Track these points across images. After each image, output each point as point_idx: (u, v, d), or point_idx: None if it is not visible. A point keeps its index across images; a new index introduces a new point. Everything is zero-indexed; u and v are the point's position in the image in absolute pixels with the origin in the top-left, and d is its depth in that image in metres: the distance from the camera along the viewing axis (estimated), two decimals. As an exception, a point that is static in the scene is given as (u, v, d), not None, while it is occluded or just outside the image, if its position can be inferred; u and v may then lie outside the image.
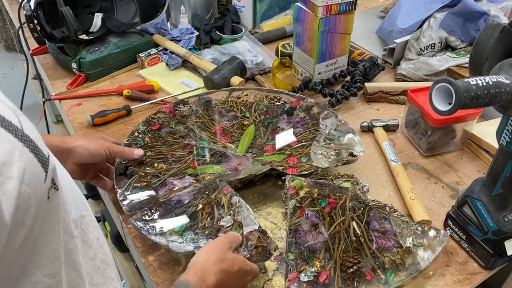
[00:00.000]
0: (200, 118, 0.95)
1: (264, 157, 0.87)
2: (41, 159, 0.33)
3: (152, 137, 0.89)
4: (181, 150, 0.87)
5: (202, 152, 0.87)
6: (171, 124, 0.92)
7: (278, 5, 1.48)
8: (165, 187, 0.79)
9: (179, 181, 0.80)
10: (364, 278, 0.68)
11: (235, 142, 0.91)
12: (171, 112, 0.95)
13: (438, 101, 0.54)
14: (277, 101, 1.00)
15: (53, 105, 2.01)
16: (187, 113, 0.96)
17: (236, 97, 1.00)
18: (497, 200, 0.70)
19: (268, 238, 0.70)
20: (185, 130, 0.91)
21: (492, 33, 0.61)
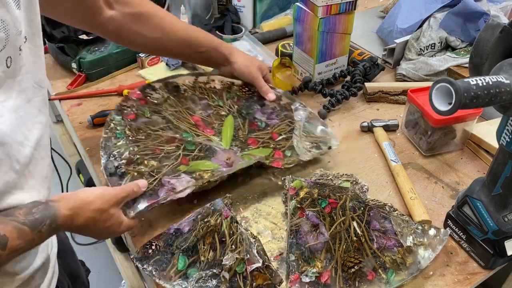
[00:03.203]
0: (174, 107, 0.94)
1: (250, 151, 0.87)
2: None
3: (132, 129, 0.86)
4: (167, 145, 0.85)
5: (190, 146, 0.86)
6: (146, 114, 0.90)
7: (278, 5, 1.48)
8: (163, 188, 0.77)
9: (176, 180, 0.79)
10: (366, 278, 0.68)
11: (217, 134, 0.90)
12: (141, 99, 0.93)
13: (438, 101, 0.54)
14: (245, 88, 1.01)
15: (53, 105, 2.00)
16: (159, 100, 0.94)
17: (203, 83, 1.01)
18: (497, 200, 0.70)
19: (273, 272, 0.69)
20: (163, 121, 0.90)
21: (492, 33, 0.61)
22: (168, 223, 0.79)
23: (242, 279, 0.67)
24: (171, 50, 0.93)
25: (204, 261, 0.69)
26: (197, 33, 0.94)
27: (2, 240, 0.50)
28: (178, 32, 0.90)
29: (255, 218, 0.81)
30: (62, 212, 0.57)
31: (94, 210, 0.62)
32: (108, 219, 0.64)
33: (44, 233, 0.55)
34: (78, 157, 1.80)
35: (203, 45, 0.93)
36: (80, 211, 0.60)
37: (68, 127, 1.23)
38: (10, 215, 0.52)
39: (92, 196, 0.63)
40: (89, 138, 1.00)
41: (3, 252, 0.50)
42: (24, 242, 0.52)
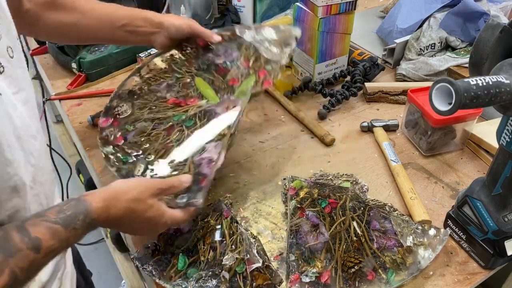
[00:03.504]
0: (145, 107, 0.88)
1: (239, 88, 0.85)
2: None
3: (131, 147, 0.82)
4: (171, 136, 0.82)
5: (189, 122, 0.83)
6: (129, 128, 0.85)
7: (278, 5, 1.47)
8: (202, 166, 0.74)
9: (206, 152, 0.75)
10: (366, 278, 0.68)
11: (200, 98, 0.87)
12: (113, 122, 0.87)
13: (438, 101, 0.54)
14: (186, 49, 0.95)
15: (53, 105, 2.01)
16: (128, 111, 0.88)
17: (148, 73, 0.94)
18: (497, 200, 0.70)
19: (273, 272, 0.70)
20: (149, 123, 0.85)
21: (492, 33, 0.61)
22: (168, 223, 0.79)
23: (242, 279, 0.67)
24: (94, 33, 0.86)
25: (204, 261, 0.69)
26: (118, 7, 0.88)
27: (35, 242, 0.48)
28: (96, 10, 0.85)
29: (255, 218, 0.81)
30: (95, 205, 0.54)
31: (129, 200, 0.58)
32: (146, 210, 0.59)
33: (79, 230, 0.52)
34: (78, 157, 1.80)
35: (126, 16, 0.86)
36: (114, 202, 0.57)
37: (68, 127, 1.23)
38: (41, 216, 0.51)
39: (126, 186, 0.59)
40: (89, 138, 1.00)
41: (38, 255, 0.48)
42: (58, 242, 0.50)
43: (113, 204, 0.56)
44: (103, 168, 0.78)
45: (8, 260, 0.45)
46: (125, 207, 0.57)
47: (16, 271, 0.46)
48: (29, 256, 0.47)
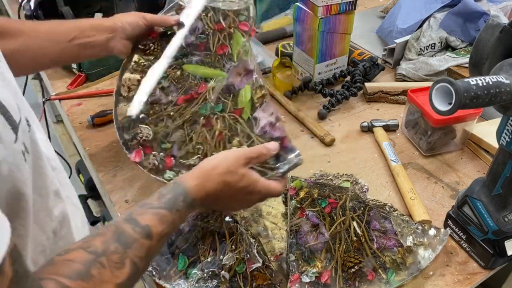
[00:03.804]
0: (163, 122, 0.80)
1: (235, 50, 0.81)
2: (11, 123, 0.39)
3: (182, 159, 0.77)
4: (213, 127, 0.76)
5: (218, 108, 0.77)
6: (167, 146, 0.78)
7: (278, 5, 1.47)
8: (274, 131, 0.72)
9: (264, 118, 0.73)
10: (366, 278, 0.68)
11: (208, 80, 0.80)
12: (145, 148, 0.80)
13: (438, 101, 0.54)
14: (147, 46, 0.86)
15: (53, 105, 2.01)
16: (151, 135, 0.80)
17: (130, 91, 0.85)
18: (497, 200, 0.70)
19: (273, 272, 0.70)
20: (183, 129, 0.78)
21: (492, 33, 0.61)
22: (168, 223, 0.79)
23: (242, 279, 0.67)
24: (43, 55, 0.76)
25: (204, 261, 0.69)
26: (62, 22, 0.80)
27: (147, 230, 0.50)
28: (40, 29, 0.76)
29: (255, 218, 0.81)
30: (190, 184, 0.56)
31: (222, 173, 0.58)
32: (239, 180, 0.59)
33: (182, 211, 0.54)
34: (78, 157, 1.80)
35: (73, 29, 0.77)
36: (208, 178, 0.57)
37: (68, 127, 1.23)
38: (144, 205, 0.53)
39: (216, 162, 0.59)
40: (89, 138, 1.00)
41: (151, 241, 0.50)
42: (166, 226, 0.52)
43: (207, 180, 0.57)
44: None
45: (127, 252, 0.47)
46: (219, 181, 0.58)
47: (136, 261, 0.47)
48: (144, 245, 0.49)
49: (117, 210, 0.83)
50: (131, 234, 0.48)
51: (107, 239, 0.47)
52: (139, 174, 0.90)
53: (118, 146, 0.97)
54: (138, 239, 0.48)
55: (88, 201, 1.56)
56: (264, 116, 0.72)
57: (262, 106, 0.73)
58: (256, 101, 0.75)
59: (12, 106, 0.40)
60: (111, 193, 0.87)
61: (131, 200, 0.85)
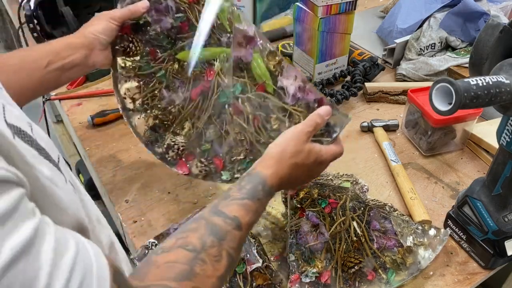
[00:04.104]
0: (190, 121, 0.75)
1: (222, 18, 0.71)
2: (55, 165, 0.38)
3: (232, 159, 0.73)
4: (244, 114, 0.70)
5: (238, 89, 0.70)
6: (207, 147, 0.74)
7: (278, 5, 1.47)
8: (308, 92, 0.66)
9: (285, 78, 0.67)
10: (366, 278, 0.68)
11: (210, 65, 0.72)
12: (188, 156, 0.76)
13: (438, 101, 0.54)
14: (134, 45, 0.79)
15: (53, 105, 2.01)
16: (183, 138, 0.77)
17: (133, 101, 0.79)
18: (497, 200, 0.70)
19: (273, 272, 0.70)
20: (215, 124, 0.73)
21: (492, 33, 0.61)
22: (168, 223, 0.79)
23: (242, 279, 0.67)
24: (20, 89, 0.68)
25: None
26: (30, 49, 0.73)
27: (236, 221, 0.51)
28: (8, 60, 0.69)
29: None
30: (266, 173, 0.57)
31: (291, 157, 0.58)
32: (307, 157, 0.60)
33: (263, 200, 0.56)
34: (78, 157, 1.80)
35: (46, 53, 0.70)
36: (280, 164, 0.58)
37: (68, 127, 1.23)
38: (226, 198, 0.54)
39: (281, 146, 0.59)
40: (89, 138, 1.00)
41: (241, 232, 0.51)
42: (252, 215, 0.53)
43: (279, 166, 0.58)
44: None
45: (222, 244, 0.48)
46: (290, 165, 0.58)
47: (231, 252, 0.49)
48: (236, 235, 0.50)
49: (117, 210, 0.83)
50: (223, 226, 0.50)
51: (202, 234, 0.48)
52: (139, 174, 0.90)
53: (118, 146, 0.97)
54: (230, 230, 0.50)
55: (88, 201, 1.56)
56: (289, 83, 0.66)
57: (283, 73, 0.67)
58: (274, 69, 0.67)
59: (49, 146, 0.40)
60: (111, 193, 0.87)
61: (131, 200, 0.85)
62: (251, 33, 0.68)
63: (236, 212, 0.52)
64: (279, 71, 0.67)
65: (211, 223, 0.50)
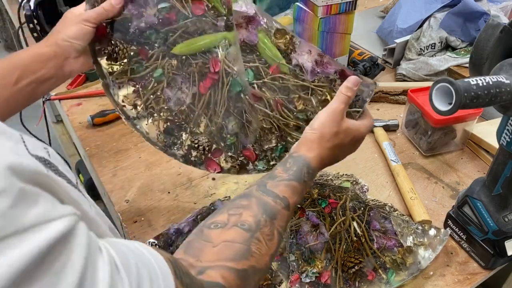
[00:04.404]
0: (204, 118, 0.70)
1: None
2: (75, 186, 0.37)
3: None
4: (265, 98, 0.67)
5: (251, 75, 0.66)
6: (230, 140, 0.71)
7: (278, 5, 1.47)
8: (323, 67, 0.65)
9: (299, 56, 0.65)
10: (366, 278, 0.68)
11: (214, 54, 0.66)
12: (216, 152, 0.72)
13: (438, 101, 0.54)
14: (113, 51, 0.70)
15: (53, 105, 2.01)
16: (203, 138, 0.72)
17: (134, 107, 0.72)
18: (497, 200, 0.70)
19: (273, 272, 0.70)
20: (237, 119, 0.68)
21: (492, 33, 0.61)
22: (168, 223, 0.79)
23: None
24: None
25: None
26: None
27: (285, 201, 0.52)
28: None
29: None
30: (309, 156, 0.57)
31: (331, 139, 0.58)
32: (346, 135, 0.60)
33: (308, 181, 0.56)
34: (78, 157, 1.80)
35: (13, 68, 0.62)
36: (321, 147, 0.58)
37: (68, 127, 1.23)
38: (274, 177, 0.54)
39: (320, 130, 0.58)
40: (89, 138, 1.00)
41: (289, 212, 0.52)
42: (298, 197, 0.54)
43: (321, 150, 0.58)
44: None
45: (274, 223, 0.49)
46: (331, 146, 0.59)
47: (280, 231, 0.50)
48: (285, 215, 0.52)
49: (117, 210, 0.83)
50: (274, 206, 0.51)
51: (256, 212, 0.49)
52: (139, 174, 0.90)
53: (118, 146, 0.97)
54: (280, 210, 0.51)
55: (88, 201, 1.56)
56: (305, 59, 0.63)
57: (296, 49, 0.63)
58: (285, 47, 0.64)
59: (66, 169, 0.38)
60: (111, 193, 0.87)
61: (131, 200, 0.85)
62: (251, 12, 0.63)
63: (284, 192, 0.52)
64: (291, 48, 0.64)
65: (263, 202, 0.50)
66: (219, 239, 0.45)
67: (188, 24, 0.65)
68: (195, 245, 0.45)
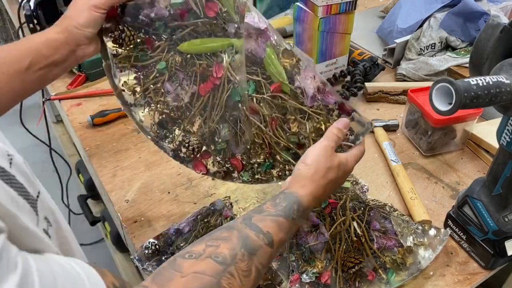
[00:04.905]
0: (200, 118, 0.70)
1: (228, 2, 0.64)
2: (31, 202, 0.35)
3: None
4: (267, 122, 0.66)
5: (252, 87, 0.65)
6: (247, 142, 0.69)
7: (278, 5, 1.47)
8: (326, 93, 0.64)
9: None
10: (366, 278, 0.68)
11: (218, 57, 0.65)
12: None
13: (438, 101, 0.54)
14: (120, 36, 0.69)
15: (53, 105, 2.01)
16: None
17: (139, 96, 0.72)
18: (497, 200, 0.70)
19: (273, 272, 0.69)
20: (229, 126, 0.68)
21: (492, 33, 0.61)
22: (168, 223, 0.79)
23: None
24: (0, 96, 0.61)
25: None
26: (8, 48, 0.63)
27: (268, 237, 0.50)
28: None
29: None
30: (301, 193, 0.55)
31: (324, 175, 0.58)
32: (338, 170, 0.59)
33: (296, 219, 0.54)
34: (78, 157, 1.80)
35: (25, 53, 0.62)
36: (315, 184, 0.57)
37: (68, 127, 1.23)
38: (261, 212, 0.52)
39: (314, 166, 0.58)
40: (89, 138, 1.00)
41: (272, 249, 0.50)
42: (284, 234, 0.52)
43: (314, 187, 0.57)
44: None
45: (252, 259, 0.47)
46: (324, 183, 0.58)
47: (260, 268, 0.48)
48: (267, 252, 0.49)
49: (117, 210, 0.83)
50: (256, 240, 0.48)
51: (234, 245, 0.47)
52: (139, 174, 0.90)
53: (118, 146, 0.97)
54: (262, 245, 0.49)
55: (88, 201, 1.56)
56: (307, 84, 0.62)
57: (300, 72, 0.62)
58: (290, 68, 0.63)
59: (29, 180, 0.36)
60: (111, 193, 0.87)
61: (131, 200, 0.85)
62: (262, 25, 0.62)
63: (269, 228, 0.50)
64: (296, 71, 0.63)
65: (244, 235, 0.48)
66: (190, 270, 0.43)
67: (199, 24, 0.64)
68: (164, 273, 0.43)
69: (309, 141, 0.65)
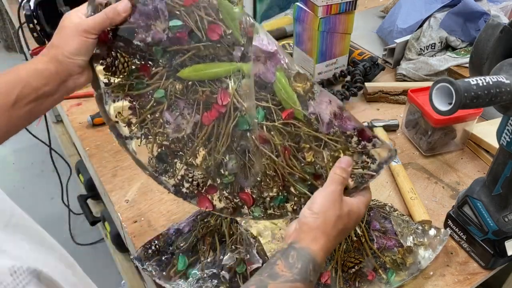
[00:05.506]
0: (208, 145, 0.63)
1: (231, 21, 0.58)
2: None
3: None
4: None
5: (261, 115, 0.59)
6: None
7: (278, 5, 1.47)
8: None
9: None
10: (366, 278, 0.68)
11: (222, 83, 0.60)
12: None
13: (438, 101, 0.54)
14: (112, 64, 0.64)
15: (53, 105, 2.00)
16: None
17: (133, 129, 0.67)
18: (497, 200, 0.70)
19: None
20: (236, 157, 0.63)
21: (493, 33, 0.61)
22: (168, 223, 0.79)
23: (242, 279, 0.67)
24: None
25: (204, 261, 0.69)
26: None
27: None
28: None
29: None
30: (314, 248, 0.52)
31: (335, 224, 0.54)
32: (349, 218, 0.55)
33: (313, 280, 0.51)
34: (78, 157, 1.80)
35: (12, 84, 0.56)
36: (326, 235, 0.53)
37: (68, 127, 1.23)
38: (277, 277, 0.49)
39: (323, 216, 0.53)
40: (89, 138, 1.00)
41: None
42: None
43: (326, 239, 0.53)
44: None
45: None
46: (336, 234, 0.54)
47: None
48: None
49: (117, 210, 0.83)
50: None
51: None
52: (139, 174, 0.90)
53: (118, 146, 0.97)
54: None
55: (88, 201, 1.56)
56: (323, 109, 0.57)
57: (315, 97, 0.57)
58: (304, 93, 0.57)
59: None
60: (111, 193, 0.87)
61: (131, 200, 0.85)
62: (271, 48, 0.57)
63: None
64: (311, 96, 0.57)
65: None
66: None
67: (201, 48, 0.59)
68: None
69: (326, 171, 0.59)
